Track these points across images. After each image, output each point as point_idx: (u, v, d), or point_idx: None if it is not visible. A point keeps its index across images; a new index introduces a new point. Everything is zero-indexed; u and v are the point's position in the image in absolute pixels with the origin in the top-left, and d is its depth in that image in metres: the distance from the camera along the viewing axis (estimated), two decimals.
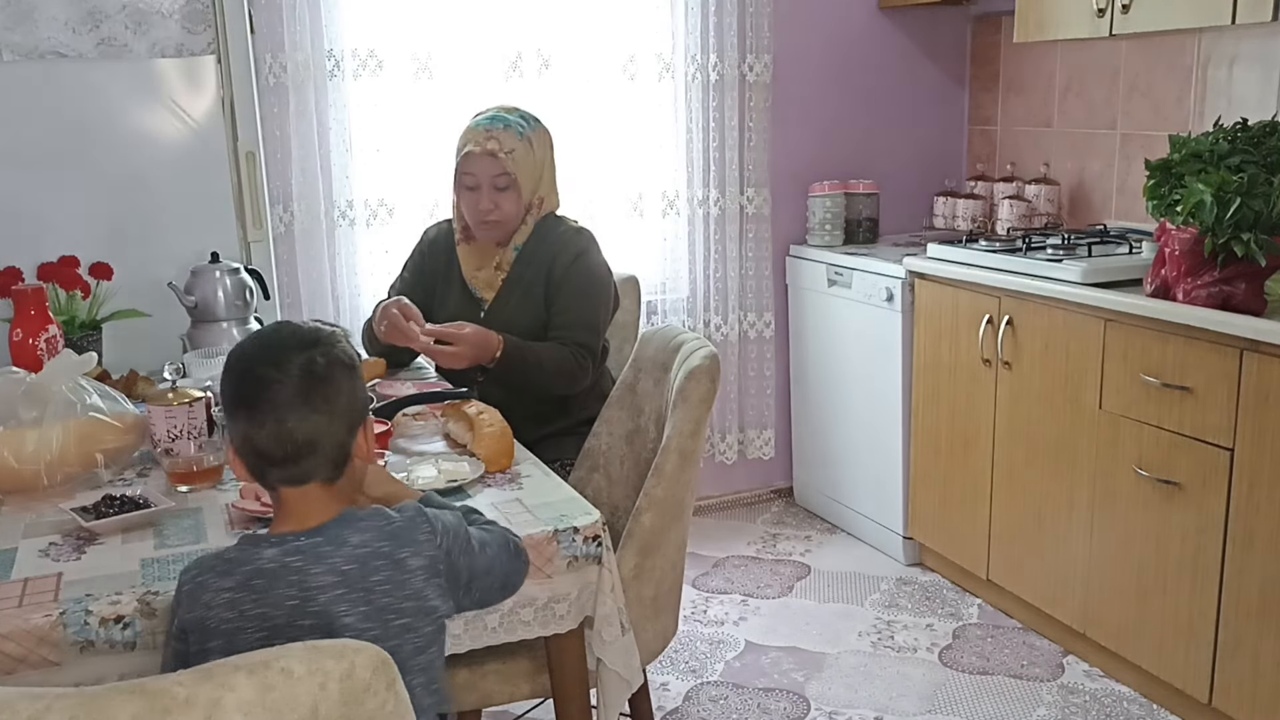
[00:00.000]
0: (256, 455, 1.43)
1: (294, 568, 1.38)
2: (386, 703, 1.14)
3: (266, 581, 1.37)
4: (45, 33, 2.66)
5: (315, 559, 1.39)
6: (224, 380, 1.47)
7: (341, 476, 1.48)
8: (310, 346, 1.45)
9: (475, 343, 2.32)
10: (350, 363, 1.48)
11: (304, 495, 1.45)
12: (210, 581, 1.39)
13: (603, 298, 2.52)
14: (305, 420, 1.41)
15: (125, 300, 2.66)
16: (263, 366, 1.43)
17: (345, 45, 3.21)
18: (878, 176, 3.86)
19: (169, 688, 1.06)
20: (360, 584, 1.40)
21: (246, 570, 1.38)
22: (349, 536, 1.42)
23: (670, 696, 2.82)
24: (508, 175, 2.45)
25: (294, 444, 1.41)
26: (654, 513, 2.00)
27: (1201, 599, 2.51)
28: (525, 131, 2.49)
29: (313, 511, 1.45)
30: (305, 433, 1.41)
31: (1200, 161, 2.52)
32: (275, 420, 1.40)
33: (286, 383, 1.41)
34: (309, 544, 1.41)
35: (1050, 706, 2.73)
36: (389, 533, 1.44)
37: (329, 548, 1.41)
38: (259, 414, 1.41)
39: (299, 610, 1.37)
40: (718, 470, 3.94)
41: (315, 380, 1.42)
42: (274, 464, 1.43)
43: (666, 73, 3.60)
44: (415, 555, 1.45)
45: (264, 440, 1.41)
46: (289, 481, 1.44)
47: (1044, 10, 3.11)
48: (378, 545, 1.43)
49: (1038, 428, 2.91)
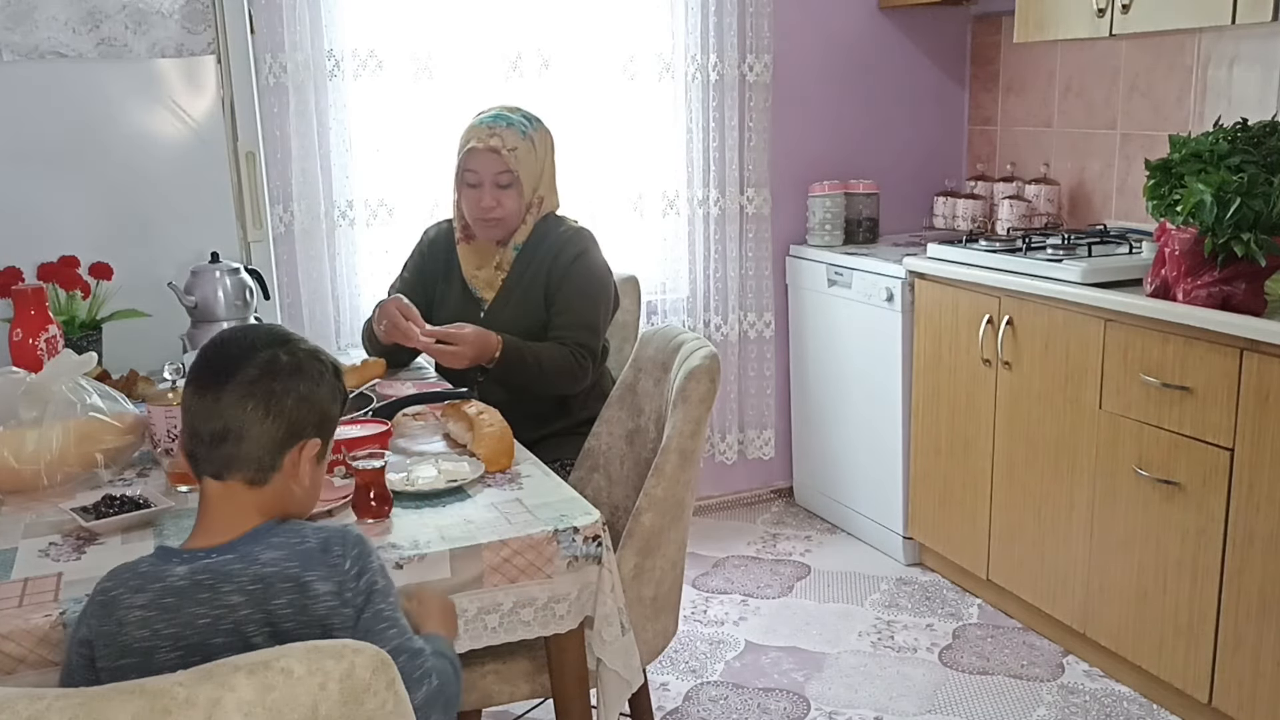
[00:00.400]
0: (189, 432, 1.41)
1: (205, 585, 1.33)
2: (386, 703, 1.14)
3: (177, 600, 1.33)
4: (45, 33, 2.66)
5: (225, 577, 1.34)
6: (195, 359, 1.46)
7: (267, 483, 1.42)
8: (282, 344, 1.44)
9: (475, 343, 2.32)
10: (315, 376, 1.44)
11: (226, 494, 1.41)
12: (123, 597, 1.34)
13: (602, 297, 2.52)
14: (239, 408, 1.39)
15: (125, 300, 2.66)
16: (231, 348, 1.43)
17: (345, 45, 3.21)
18: (878, 176, 3.86)
19: (169, 688, 1.06)
20: (264, 605, 1.33)
21: (158, 588, 1.34)
22: (260, 554, 1.36)
23: (670, 696, 2.82)
24: (510, 173, 2.45)
25: (222, 425, 1.39)
26: (654, 513, 2.00)
27: (1201, 599, 2.51)
28: (528, 130, 2.50)
29: (232, 517, 1.40)
30: (236, 420, 1.39)
31: (1200, 161, 2.52)
32: (213, 397, 1.39)
33: (243, 367, 1.40)
34: (219, 562, 1.35)
35: (1050, 706, 2.73)
36: (300, 552, 1.37)
37: (239, 565, 1.35)
38: (204, 389, 1.40)
39: (211, 629, 1.32)
40: (718, 470, 3.94)
41: (271, 373, 1.41)
42: (200, 444, 1.40)
43: (666, 73, 3.60)
44: (323, 580, 1.36)
45: (199, 415, 1.40)
46: (213, 471, 1.41)
47: (1044, 10, 3.11)
48: (285, 566, 1.36)
49: (1038, 428, 2.91)
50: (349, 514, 1.76)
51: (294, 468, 1.44)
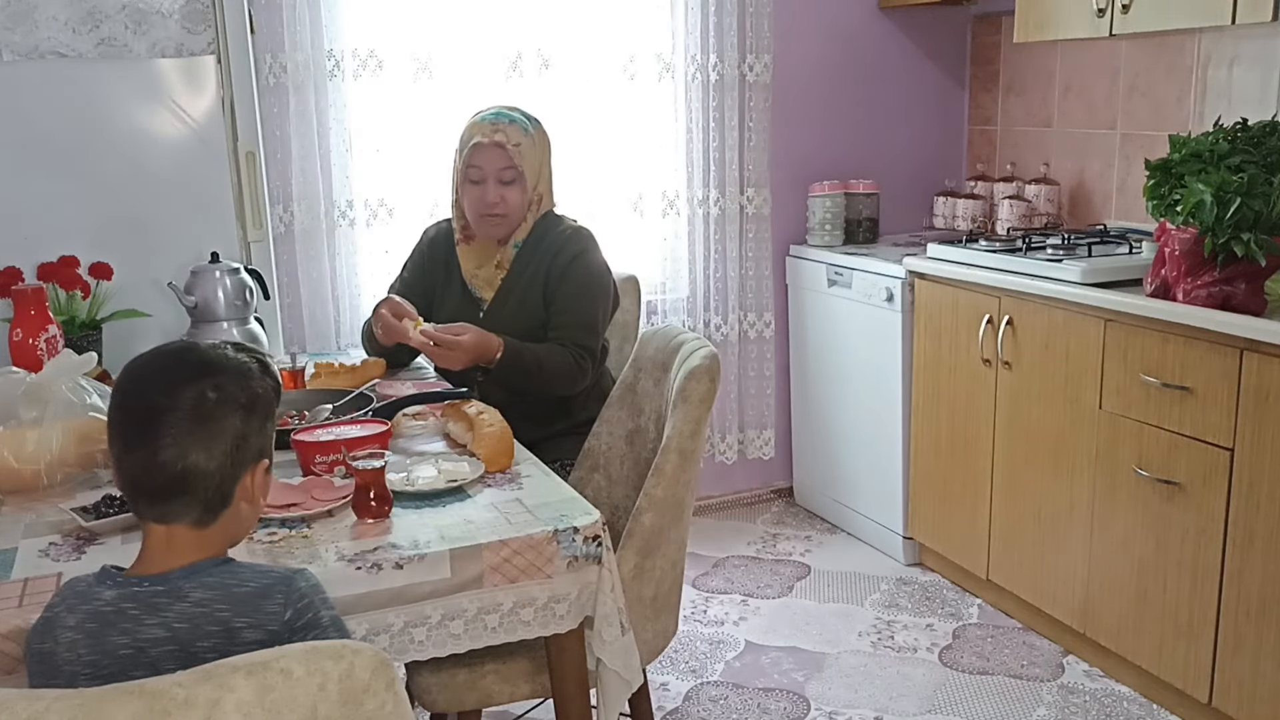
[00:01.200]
0: (126, 483, 1.34)
1: (129, 614, 1.28)
2: (386, 703, 1.14)
3: (99, 626, 1.28)
4: (45, 33, 2.66)
5: (150, 609, 1.28)
6: (113, 393, 1.37)
7: (216, 521, 1.36)
8: (205, 375, 1.34)
9: (473, 346, 2.32)
10: (246, 400, 1.36)
11: (169, 535, 1.34)
12: (61, 616, 1.30)
13: (602, 297, 2.52)
14: (180, 456, 1.30)
15: (125, 300, 2.66)
16: (151, 392, 1.33)
17: (345, 45, 3.20)
18: (878, 176, 3.86)
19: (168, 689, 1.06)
20: (189, 647, 1.27)
21: (86, 610, 1.29)
22: (190, 591, 1.30)
23: (670, 696, 2.82)
24: (514, 168, 2.46)
25: (165, 478, 1.31)
26: (654, 513, 2.00)
27: (1201, 599, 2.51)
28: (529, 128, 2.51)
29: (175, 554, 1.33)
30: (178, 470, 1.31)
31: (1200, 161, 2.52)
32: (148, 452, 1.30)
33: (170, 413, 1.31)
34: (147, 591, 1.29)
35: (1050, 706, 2.73)
36: (234, 596, 1.30)
37: (166, 600, 1.29)
38: (133, 441, 1.32)
39: (131, 661, 1.26)
40: (718, 470, 3.94)
41: (200, 416, 1.32)
42: (141, 496, 1.33)
43: (666, 73, 3.60)
44: (253, 628, 1.28)
45: (135, 469, 1.32)
46: (156, 518, 1.34)
47: (1044, 10, 3.11)
48: (215, 608, 1.29)
49: (1038, 428, 2.91)
50: (349, 514, 1.76)
51: (246, 492, 1.38)
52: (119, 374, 1.39)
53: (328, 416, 2.15)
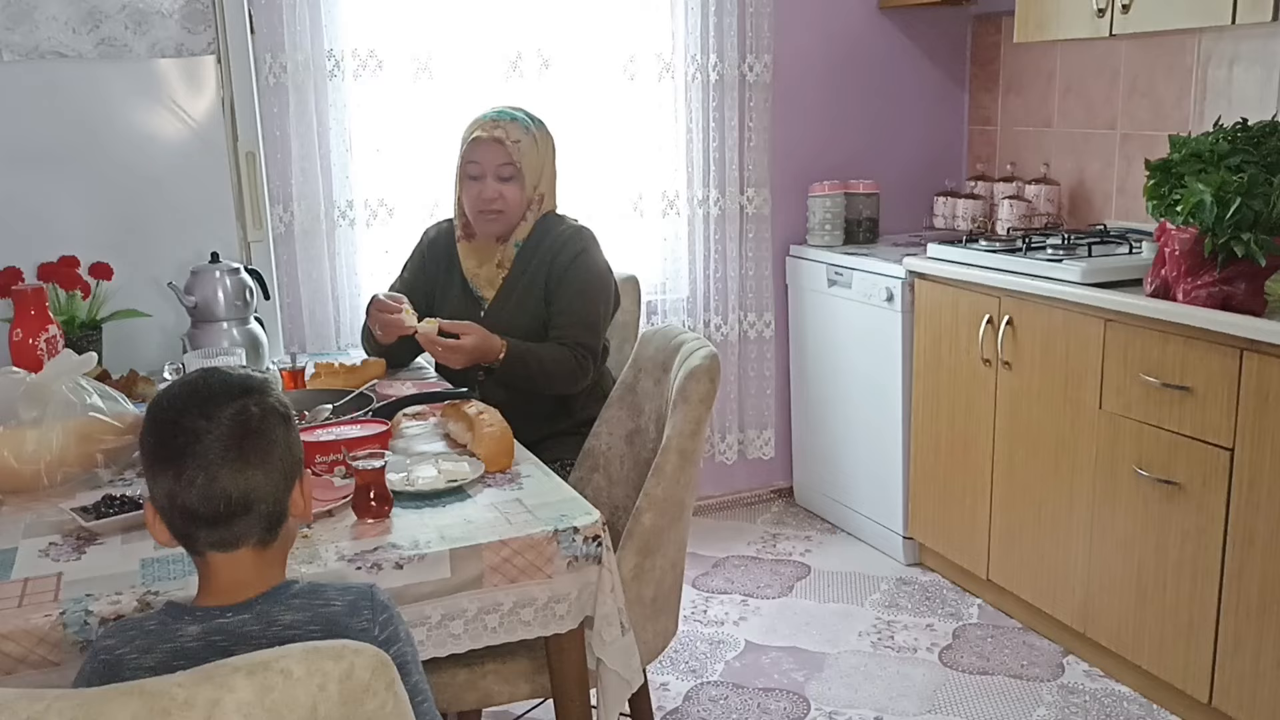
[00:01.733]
0: (184, 516, 1.30)
1: (219, 647, 1.26)
2: (386, 703, 1.14)
3: (188, 663, 1.21)
4: (45, 33, 2.66)
5: (240, 639, 1.27)
6: (146, 432, 1.33)
7: (276, 539, 1.35)
8: (242, 395, 1.32)
9: (476, 347, 2.33)
10: (285, 412, 1.36)
11: (234, 561, 1.32)
12: (129, 658, 1.27)
13: (603, 297, 2.52)
14: (238, 476, 1.28)
15: (125, 300, 2.66)
16: (190, 417, 1.29)
17: (345, 45, 3.20)
18: (878, 176, 3.86)
19: (168, 689, 1.06)
20: None
21: (168, 649, 1.27)
22: (279, 615, 1.30)
23: (670, 696, 2.82)
24: (513, 165, 2.46)
25: (226, 502, 1.28)
26: (654, 513, 2.00)
27: (1201, 599, 2.51)
28: (531, 127, 2.52)
29: (243, 581, 1.32)
30: (239, 490, 1.29)
31: (1200, 161, 2.52)
32: (205, 477, 1.27)
33: (217, 434, 1.28)
34: (235, 622, 1.29)
35: (1050, 706, 2.73)
36: (324, 617, 1.31)
37: (256, 627, 1.29)
38: (186, 470, 1.28)
39: None
40: (718, 470, 3.94)
41: (248, 432, 1.30)
42: (203, 526, 1.29)
43: (666, 73, 3.60)
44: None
45: (193, 499, 1.28)
46: (219, 546, 1.31)
47: (1044, 10, 3.11)
48: (309, 628, 1.29)
49: (1038, 428, 2.91)
50: (349, 514, 1.76)
51: (295, 505, 1.38)
52: (147, 412, 1.35)
53: (328, 416, 2.15)
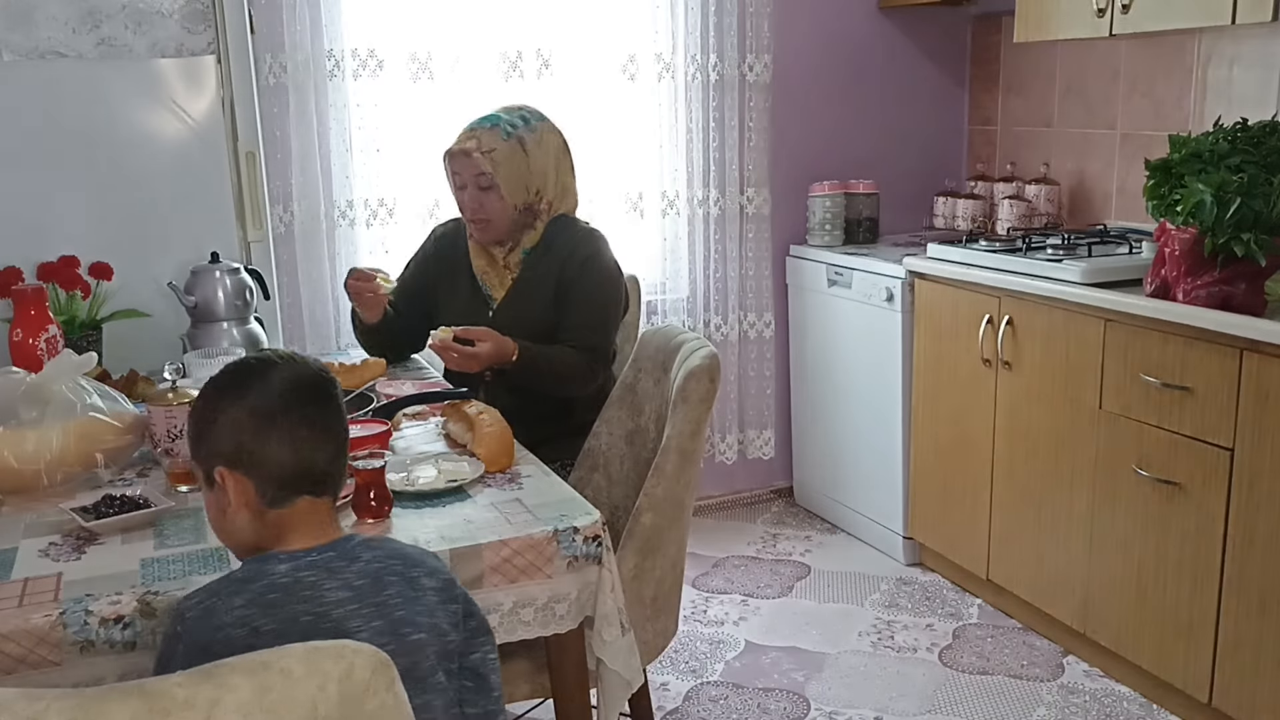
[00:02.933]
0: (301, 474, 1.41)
1: (308, 582, 1.36)
2: (386, 703, 1.14)
3: (281, 595, 1.35)
4: (45, 33, 2.66)
5: (329, 573, 1.38)
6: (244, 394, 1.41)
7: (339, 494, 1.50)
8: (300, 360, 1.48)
9: (490, 355, 2.32)
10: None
11: (317, 509, 1.44)
12: (219, 603, 1.34)
13: (613, 300, 2.52)
14: (340, 430, 1.46)
15: (125, 300, 2.66)
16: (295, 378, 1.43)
17: (345, 45, 3.20)
18: (878, 176, 3.86)
19: (168, 689, 1.06)
20: (373, 598, 1.38)
21: (259, 586, 1.35)
22: (360, 553, 1.42)
23: (670, 696, 2.82)
24: (486, 175, 2.43)
25: (341, 465, 1.46)
26: (654, 513, 2.00)
27: (1201, 599, 2.51)
28: (514, 133, 2.46)
29: (323, 528, 1.44)
30: (342, 432, 1.46)
31: (1200, 161, 2.52)
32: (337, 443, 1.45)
33: (321, 393, 1.44)
34: (322, 559, 1.39)
35: (1050, 706, 2.73)
36: (401, 553, 1.46)
37: (342, 563, 1.39)
38: (320, 431, 1.42)
39: (313, 626, 1.33)
40: (718, 470, 3.94)
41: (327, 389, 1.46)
42: (315, 480, 1.42)
43: (666, 73, 3.59)
44: (429, 576, 1.45)
45: (323, 459, 1.42)
46: (316, 490, 1.43)
47: (1044, 10, 3.11)
48: (390, 562, 1.43)
49: (1038, 428, 2.91)
50: (349, 514, 1.76)
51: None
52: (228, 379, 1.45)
53: None
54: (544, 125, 2.53)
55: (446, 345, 2.31)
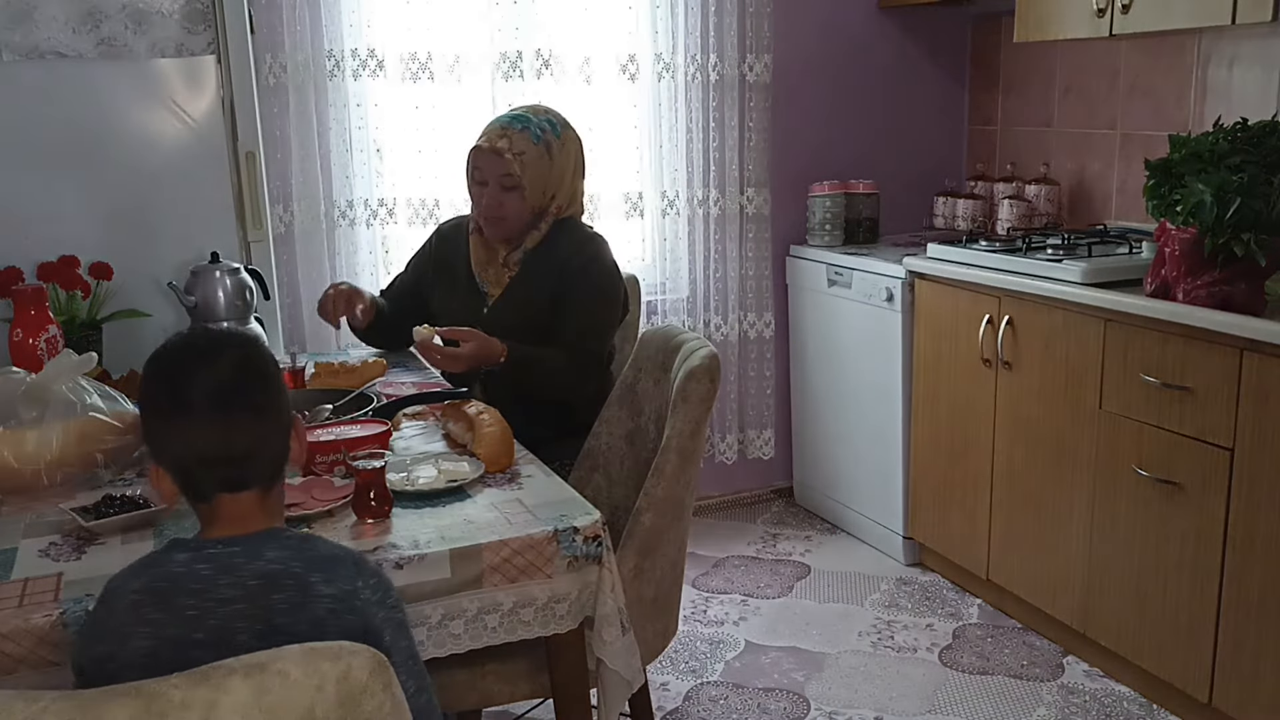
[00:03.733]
0: (200, 463, 1.35)
1: (201, 576, 1.30)
2: (383, 705, 1.14)
3: (170, 586, 1.30)
4: (45, 33, 2.66)
5: (225, 569, 1.31)
6: (151, 385, 1.38)
7: (275, 484, 1.42)
8: (241, 345, 1.41)
9: (474, 355, 2.32)
10: (277, 364, 1.45)
11: (237, 504, 1.37)
12: (120, 583, 1.33)
13: (611, 303, 2.52)
14: (254, 420, 1.37)
15: (125, 300, 2.66)
16: (196, 365, 1.36)
17: (345, 45, 3.20)
18: (878, 176, 3.86)
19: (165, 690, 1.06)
20: (262, 600, 1.30)
21: (157, 572, 1.32)
22: (266, 550, 1.34)
23: (670, 696, 2.82)
24: (513, 176, 2.45)
25: (244, 445, 1.35)
26: (654, 513, 2.00)
27: (1201, 599, 2.51)
28: (543, 137, 2.48)
29: (247, 521, 1.38)
30: (255, 433, 1.37)
31: (1200, 161, 2.51)
32: (223, 419, 1.34)
33: (227, 379, 1.35)
34: (224, 553, 1.33)
35: (1050, 706, 2.73)
36: (307, 556, 1.35)
37: (242, 559, 1.32)
38: (200, 415, 1.34)
39: (195, 623, 1.28)
40: (718, 470, 3.94)
41: (256, 375, 1.38)
42: (219, 468, 1.35)
43: (666, 73, 3.59)
44: (328, 583, 1.33)
45: (212, 444, 1.34)
46: (230, 487, 1.36)
47: (1044, 10, 3.11)
48: (290, 564, 1.33)
49: (1038, 428, 2.91)
50: (349, 514, 1.76)
51: (294, 453, 1.45)
52: (147, 366, 1.40)
53: (328, 416, 2.15)
54: (568, 132, 2.54)
55: (427, 345, 2.32)
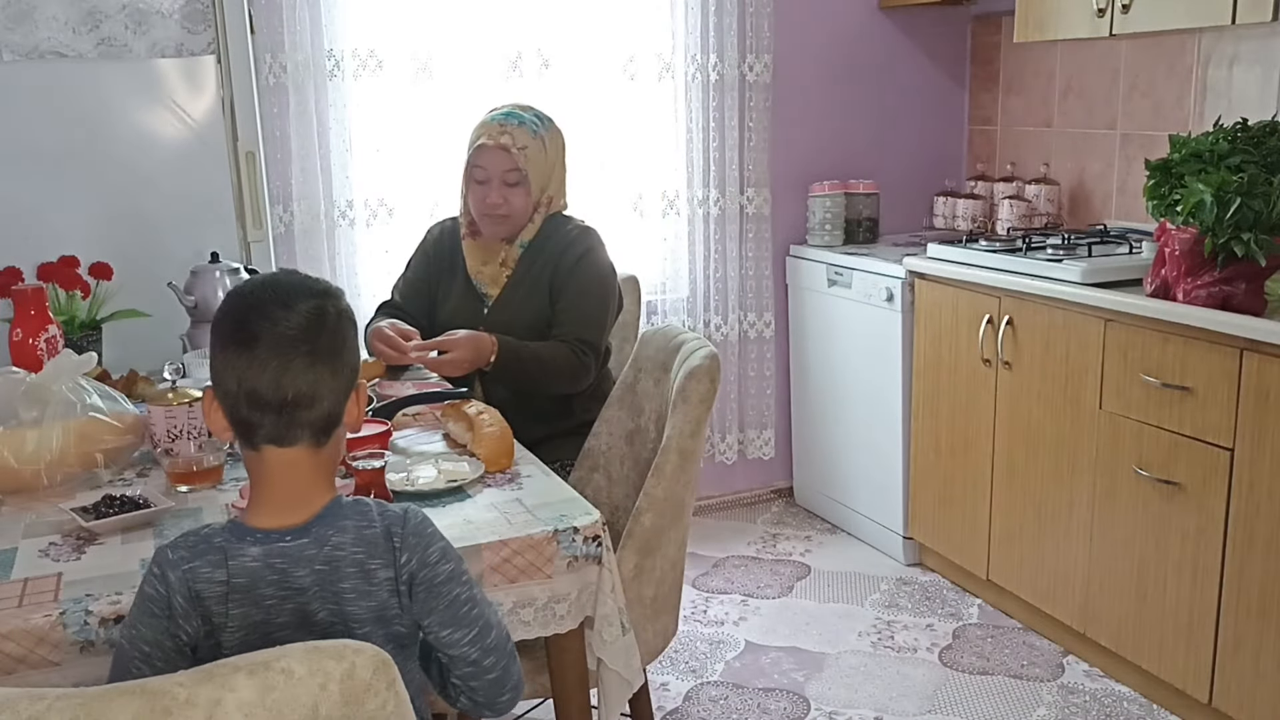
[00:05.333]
0: (250, 402, 1.32)
1: (277, 569, 1.34)
2: (387, 703, 1.14)
3: (249, 581, 1.33)
4: (45, 33, 2.66)
5: (297, 562, 1.34)
6: (221, 318, 1.37)
7: (329, 442, 1.38)
8: (321, 295, 1.37)
9: (470, 348, 2.32)
10: (354, 319, 1.41)
11: (289, 462, 1.36)
12: (202, 571, 1.33)
13: (606, 295, 2.52)
14: (310, 368, 1.32)
15: (125, 300, 2.66)
16: (270, 305, 1.33)
17: (345, 45, 3.20)
18: (878, 176, 3.86)
19: (169, 688, 1.06)
20: (331, 586, 1.35)
21: (233, 566, 1.33)
22: (331, 536, 1.36)
23: (670, 696, 2.82)
24: (519, 171, 2.46)
25: (295, 391, 1.31)
26: (654, 513, 2.00)
27: (1201, 599, 2.51)
28: (539, 130, 2.51)
29: (300, 489, 1.37)
30: (308, 381, 1.32)
31: (1200, 161, 2.52)
32: (279, 363, 1.31)
33: (295, 324, 1.32)
34: (294, 546, 1.34)
35: (1050, 706, 2.73)
36: (365, 539, 1.37)
37: (313, 550, 1.35)
38: (260, 354, 1.31)
39: (276, 609, 1.34)
40: (718, 470, 3.94)
41: (324, 328, 1.34)
42: (268, 413, 1.32)
43: (666, 73, 3.60)
44: (386, 567, 1.37)
45: (264, 383, 1.31)
46: (277, 439, 1.34)
47: (1044, 10, 3.11)
48: (352, 551, 1.36)
49: (1038, 428, 2.91)
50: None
51: (349, 415, 1.41)
52: (225, 299, 1.39)
53: None
54: (554, 125, 2.57)
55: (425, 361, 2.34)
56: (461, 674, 1.46)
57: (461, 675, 1.46)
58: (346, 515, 1.38)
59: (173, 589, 1.33)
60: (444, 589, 1.40)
